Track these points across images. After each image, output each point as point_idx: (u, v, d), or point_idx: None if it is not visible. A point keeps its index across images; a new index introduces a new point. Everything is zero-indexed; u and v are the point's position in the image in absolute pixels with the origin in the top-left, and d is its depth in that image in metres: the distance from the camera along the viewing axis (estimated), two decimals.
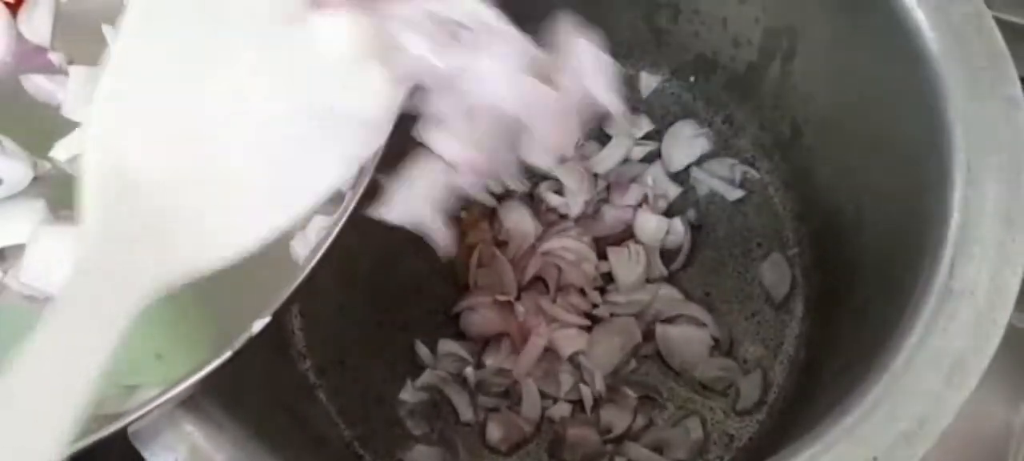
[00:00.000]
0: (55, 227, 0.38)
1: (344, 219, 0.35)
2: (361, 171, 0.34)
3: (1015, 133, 0.40)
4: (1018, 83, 0.42)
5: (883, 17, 0.45)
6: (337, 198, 0.37)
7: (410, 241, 0.58)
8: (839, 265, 0.55)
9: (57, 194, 0.40)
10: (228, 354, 0.32)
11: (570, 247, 0.58)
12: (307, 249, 0.36)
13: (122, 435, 0.32)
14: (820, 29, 0.53)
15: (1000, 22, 0.43)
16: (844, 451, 0.34)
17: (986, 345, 0.36)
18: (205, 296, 0.36)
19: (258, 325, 0.32)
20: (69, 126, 0.43)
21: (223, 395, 0.39)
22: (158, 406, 0.32)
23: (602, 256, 0.58)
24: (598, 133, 0.63)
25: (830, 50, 0.53)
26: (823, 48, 0.54)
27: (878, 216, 0.51)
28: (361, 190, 0.35)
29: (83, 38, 0.44)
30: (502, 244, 0.58)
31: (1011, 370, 0.59)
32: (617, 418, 0.53)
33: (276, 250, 0.36)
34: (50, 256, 0.37)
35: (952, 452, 0.58)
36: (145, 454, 0.37)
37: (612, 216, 0.59)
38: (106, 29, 0.43)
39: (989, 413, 0.58)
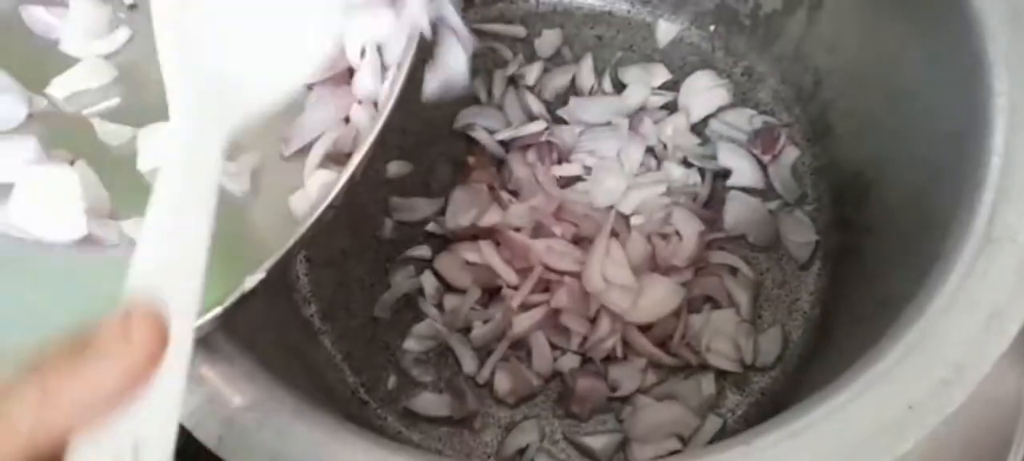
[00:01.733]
0: (46, 167, 0.36)
1: (344, 179, 0.34)
2: (361, 135, 0.36)
3: None
4: None
5: None
6: (340, 157, 0.36)
7: (416, 185, 0.57)
8: (858, 221, 0.54)
9: (51, 132, 0.39)
10: (218, 311, 0.32)
11: (580, 199, 0.56)
12: (307, 204, 0.35)
13: None
14: None
15: None
16: (878, 396, 0.32)
17: None
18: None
19: (250, 281, 0.32)
20: (67, 62, 0.41)
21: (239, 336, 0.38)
22: None
23: None
24: (613, 81, 0.61)
25: None
26: None
27: (903, 169, 0.49)
28: (362, 153, 0.34)
29: None
30: (513, 194, 0.56)
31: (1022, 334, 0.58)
32: (627, 375, 0.52)
33: (276, 205, 0.36)
34: (39, 197, 0.35)
35: (961, 417, 0.56)
36: None
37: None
38: None
39: (1000, 378, 0.57)
